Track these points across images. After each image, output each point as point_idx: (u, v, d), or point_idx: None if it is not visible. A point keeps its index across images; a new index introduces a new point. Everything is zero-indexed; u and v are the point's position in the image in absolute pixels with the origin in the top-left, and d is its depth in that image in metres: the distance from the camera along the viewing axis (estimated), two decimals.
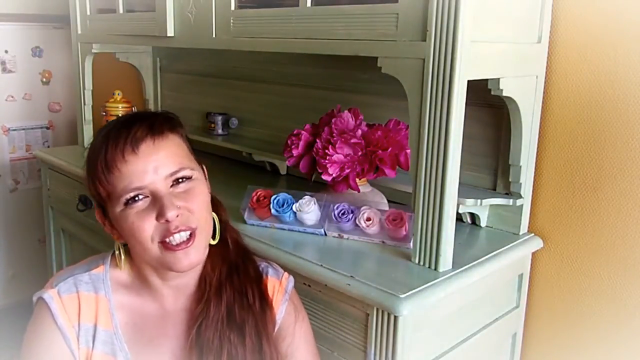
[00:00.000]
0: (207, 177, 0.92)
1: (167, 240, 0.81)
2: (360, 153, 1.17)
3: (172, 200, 0.80)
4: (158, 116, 0.86)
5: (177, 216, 0.80)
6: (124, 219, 0.81)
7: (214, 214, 0.91)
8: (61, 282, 0.86)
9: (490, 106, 1.26)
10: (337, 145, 1.17)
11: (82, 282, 0.87)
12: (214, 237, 0.91)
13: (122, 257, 0.90)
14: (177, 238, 0.81)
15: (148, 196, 0.81)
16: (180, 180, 0.83)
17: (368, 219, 1.14)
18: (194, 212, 0.83)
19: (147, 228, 0.80)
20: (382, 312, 0.95)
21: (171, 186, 0.82)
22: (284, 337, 0.93)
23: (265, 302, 0.91)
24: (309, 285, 1.07)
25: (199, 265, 0.87)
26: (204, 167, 0.92)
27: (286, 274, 0.97)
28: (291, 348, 0.94)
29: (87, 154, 0.86)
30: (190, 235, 0.82)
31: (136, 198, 0.80)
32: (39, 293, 0.86)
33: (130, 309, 0.88)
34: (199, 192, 0.85)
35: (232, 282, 0.90)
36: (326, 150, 1.17)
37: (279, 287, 0.95)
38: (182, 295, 0.90)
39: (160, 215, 0.79)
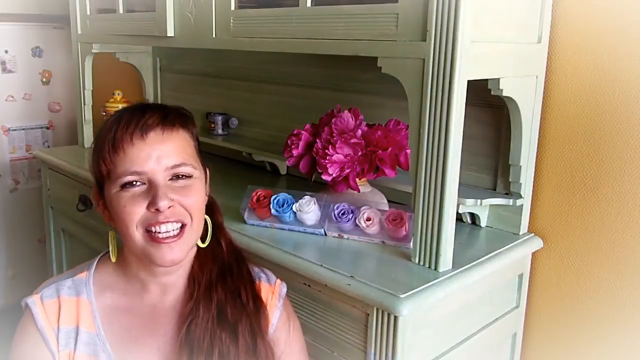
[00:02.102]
0: (208, 179, 0.92)
1: (154, 230, 0.81)
2: (360, 153, 1.17)
3: (166, 192, 0.81)
4: (172, 109, 0.87)
5: (169, 208, 0.81)
6: (117, 200, 0.82)
7: (206, 216, 0.92)
8: (45, 288, 0.88)
9: (490, 106, 1.26)
10: (337, 145, 1.17)
11: (64, 287, 0.88)
12: (204, 240, 0.91)
13: (111, 247, 0.91)
14: (164, 229, 0.81)
15: (145, 183, 0.82)
16: (180, 175, 0.83)
17: (368, 219, 1.14)
18: (187, 208, 0.83)
19: (136, 213, 0.81)
20: (382, 312, 0.95)
21: (170, 179, 0.83)
22: (276, 342, 0.93)
23: (259, 302, 0.91)
24: (309, 285, 1.07)
25: (180, 263, 0.87)
26: (208, 169, 0.93)
27: (279, 280, 0.98)
28: (284, 355, 0.95)
29: (97, 132, 0.87)
30: (180, 229, 0.83)
31: (133, 183, 0.81)
32: (25, 299, 0.88)
33: (116, 310, 0.89)
34: (196, 191, 0.85)
35: (225, 282, 0.90)
36: (326, 150, 1.17)
37: (273, 293, 0.95)
38: (171, 294, 0.90)
39: (152, 203, 0.80)
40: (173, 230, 0.82)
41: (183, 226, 0.83)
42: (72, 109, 2.53)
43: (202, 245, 0.91)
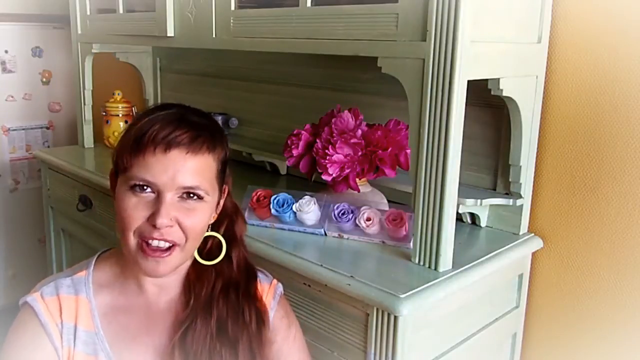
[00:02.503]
0: (227, 195, 0.92)
1: (146, 241, 0.81)
2: (360, 153, 1.17)
3: (169, 210, 0.80)
4: (206, 130, 0.85)
5: (166, 227, 0.81)
6: (123, 199, 0.82)
7: (219, 235, 0.92)
8: (44, 286, 0.88)
9: (490, 106, 1.26)
10: (337, 145, 1.17)
11: (63, 286, 0.88)
12: (212, 258, 0.91)
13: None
14: (155, 244, 0.81)
15: (154, 193, 0.81)
16: (191, 195, 0.83)
17: (368, 219, 1.14)
18: (185, 230, 0.83)
19: (135, 223, 0.81)
20: (382, 312, 0.95)
21: (179, 196, 0.82)
22: (273, 341, 0.93)
23: (262, 324, 0.90)
24: (309, 285, 1.07)
25: (166, 275, 0.86)
26: (228, 187, 0.92)
27: (275, 280, 0.98)
28: (281, 354, 0.94)
29: (132, 121, 0.87)
30: (170, 247, 0.82)
31: (144, 188, 0.81)
32: (23, 298, 0.87)
33: (114, 308, 0.89)
34: (201, 214, 0.84)
35: (228, 297, 0.89)
36: (326, 150, 1.17)
37: (269, 290, 0.95)
38: (166, 295, 0.90)
39: (152, 217, 0.80)
40: (164, 247, 0.82)
41: (173, 246, 0.83)
42: (72, 109, 2.53)
43: (206, 263, 0.90)
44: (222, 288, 0.90)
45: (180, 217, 0.82)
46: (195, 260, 0.91)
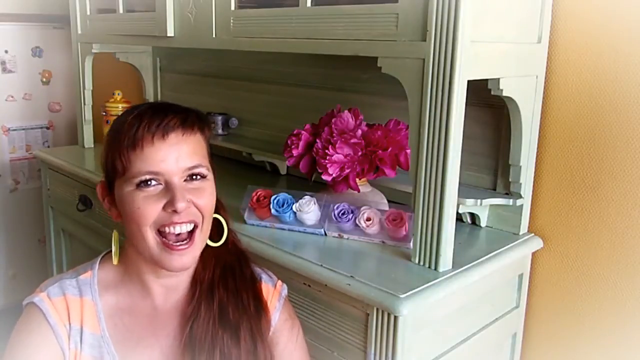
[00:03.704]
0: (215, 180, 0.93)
1: (167, 230, 0.81)
2: (360, 153, 1.17)
3: (183, 193, 0.81)
4: (192, 112, 0.88)
5: (186, 209, 0.81)
6: (131, 200, 0.82)
7: (219, 217, 0.92)
8: (50, 287, 0.87)
9: (490, 106, 1.26)
10: (337, 145, 1.17)
11: (69, 287, 0.88)
12: (216, 240, 0.91)
13: (114, 248, 0.91)
14: (177, 230, 0.82)
15: (161, 184, 0.82)
16: (195, 176, 0.84)
17: (368, 219, 1.14)
18: (200, 209, 0.84)
19: (151, 215, 0.81)
20: (382, 312, 0.95)
21: (185, 180, 0.83)
22: (277, 342, 0.93)
23: (260, 305, 0.91)
24: (309, 285, 1.07)
25: (191, 266, 0.87)
26: (214, 171, 0.93)
27: (280, 281, 0.98)
28: (285, 355, 0.94)
29: (113, 128, 0.87)
30: (192, 232, 0.83)
31: (149, 182, 0.81)
32: (29, 298, 0.86)
33: (119, 310, 0.88)
34: (209, 192, 0.86)
35: (227, 283, 0.90)
36: (326, 150, 1.17)
37: (274, 293, 0.95)
38: (173, 295, 0.90)
39: (169, 204, 0.80)
40: (186, 231, 0.83)
41: (195, 228, 0.84)
42: (72, 109, 2.53)
43: (214, 245, 0.91)
44: (221, 274, 0.91)
45: (194, 198, 0.83)
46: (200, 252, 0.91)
